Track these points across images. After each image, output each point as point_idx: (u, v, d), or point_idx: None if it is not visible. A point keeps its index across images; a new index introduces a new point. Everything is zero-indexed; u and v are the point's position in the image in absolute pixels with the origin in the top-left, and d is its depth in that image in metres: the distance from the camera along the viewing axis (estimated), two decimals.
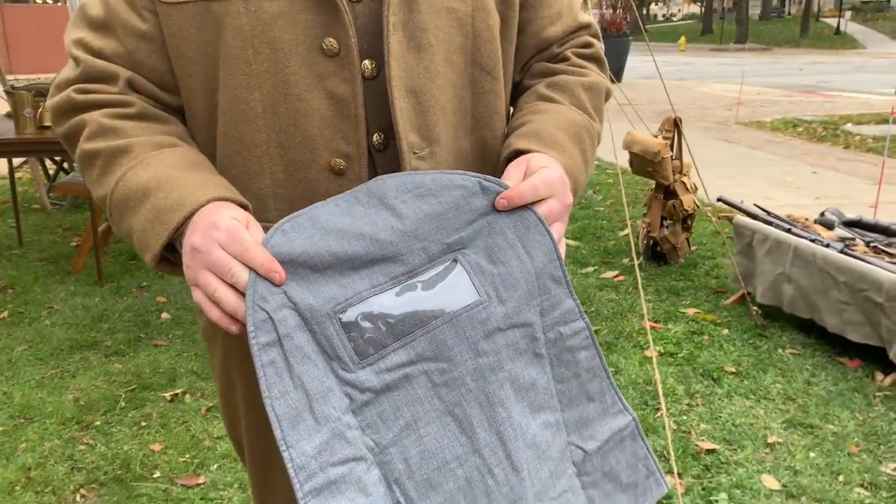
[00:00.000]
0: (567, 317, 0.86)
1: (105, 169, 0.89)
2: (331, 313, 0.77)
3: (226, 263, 0.77)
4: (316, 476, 0.73)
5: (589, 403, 0.87)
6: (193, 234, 0.79)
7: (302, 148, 0.89)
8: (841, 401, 2.92)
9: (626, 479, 0.89)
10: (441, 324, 0.80)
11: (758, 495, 2.36)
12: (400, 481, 0.77)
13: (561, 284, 0.86)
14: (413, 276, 0.81)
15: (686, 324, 3.62)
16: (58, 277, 4.18)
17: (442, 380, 0.79)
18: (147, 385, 3.01)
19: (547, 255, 0.85)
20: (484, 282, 0.83)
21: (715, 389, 3.03)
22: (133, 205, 0.85)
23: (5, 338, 3.42)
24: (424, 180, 0.83)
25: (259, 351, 0.74)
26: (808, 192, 6.40)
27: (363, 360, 0.77)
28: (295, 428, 0.73)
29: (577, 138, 0.98)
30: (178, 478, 2.42)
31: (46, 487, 2.37)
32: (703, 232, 4.98)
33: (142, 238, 0.85)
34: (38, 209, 5.57)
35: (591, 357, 0.87)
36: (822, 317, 3.26)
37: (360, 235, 0.79)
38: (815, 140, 9.09)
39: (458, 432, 0.79)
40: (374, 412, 0.77)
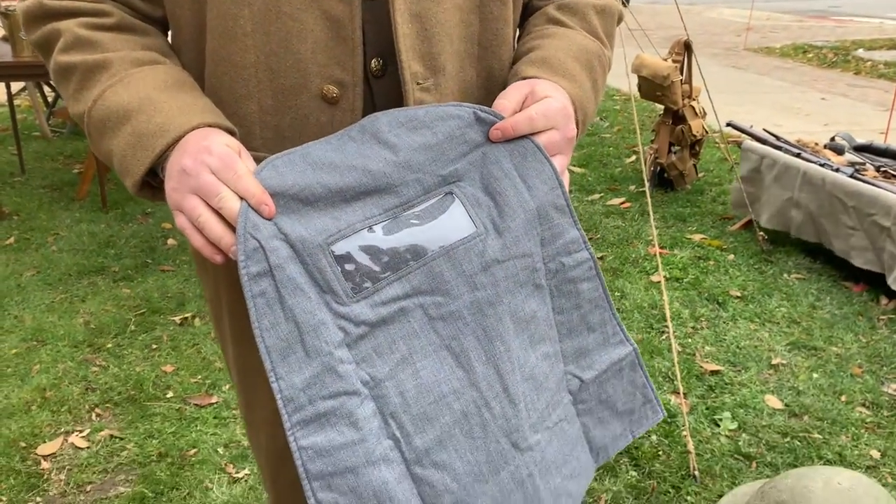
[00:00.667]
0: (570, 247, 0.84)
1: (82, 84, 0.83)
2: (323, 245, 0.75)
3: (214, 187, 0.73)
4: (305, 409, 0.72)
5: (589, 334, 0.87)
6: (183, 156, 0.75)
7: (293, 72, 0.83)
8: (845, 324, 2.95)
9: (621, 407, 0.90)
10: (437, 256, 0.78)
11: (761, 414, 2.40)
12: (396, 415, 0.75)
13: (564, 213, 0.84)
14: (407, 209, 0.78)
15: (692, 249, 3.62)
16: (62, 204, 4.17)
17: (438, 313, 0.78)
18: (156, 309, 3.03)
19: (547, 184, 0.82)
20: (480, 214, 0.80)
21: (720, 313, 3.05)
22: (112, 126, 0.80)
23: (13, 263, 3.43)
24: (418, 113, 0.80)
25: (249, 281, 0.72)
26: (818, 118, 6.31)
27: (357, 293, 0.75)
28: (285, 360, 0.72)
29: (587, 66, 0.93)
30: (191, 398, 2.46)
31: (62, 407, 2.42)
32: (711, 158, 4.94)
33: (122, 162, 0.80)
34: (38, 137, 5.52)
35: (594, 288, 0.85)
36: (830, 241, 3.26)
37: (352, 168, 0.77)
38: (825, 66, 8.92)
39: (454, 366, 0.77)
40: (369, 346, 0.76)
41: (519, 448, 0.79)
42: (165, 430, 2.30)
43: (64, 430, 2.31)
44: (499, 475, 0.77)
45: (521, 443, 0.79)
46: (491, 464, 0.77)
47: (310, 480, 0.71)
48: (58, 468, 2.15)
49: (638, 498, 2.04)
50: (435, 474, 0.75)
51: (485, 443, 0.77)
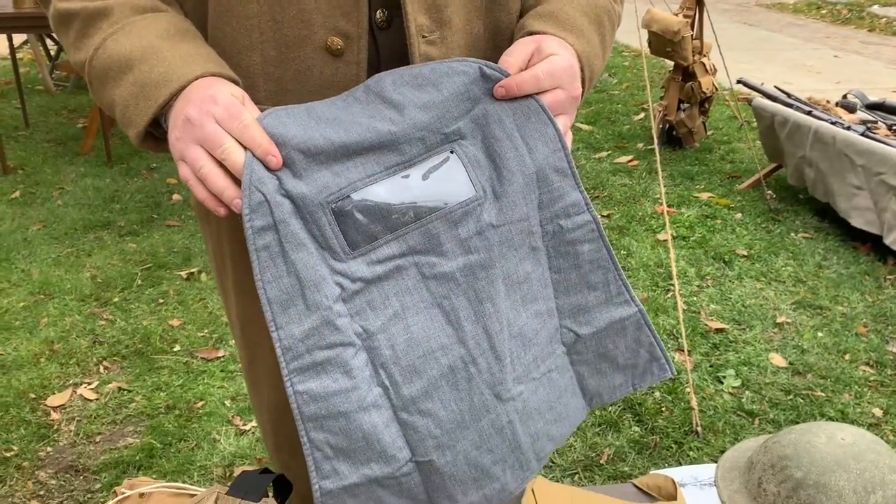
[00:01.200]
0: (570, 209, 0.84)
1: (82, 32, 0.81)
2: (323, 203, 0.75)
3: (218, 137, 0.72)
4: (302, 357, 0.75)
5: (589, 292, 0.87)
6: (188, 105, 0.74)
7: (296, 23, 0.81)
8: (851, 283, 2.94)
9: (623, 361, 0.90)
10: (435, 218, 0.79)
11: (764, 372, 2.41)
12: (386, 366, 0.78)
13: (566, 176, 0.83)
14: (409, 167, 0.79)
15: (699, 208, 3.60)
16: (66, 159, 4.16)
17: (432, 273, 0.79)
18: (162, 264, 3.04)
19: (549, 146, 0.81)
20: (480, 176, 0.80)
21: (726, 272, 3.04)
22: (115, 76, 0.79)
23: (19, 217, 3.43)
24: (423, 71, 0.79)
25: (254, 234, 0.73)
26: (830, 76, 6.22)
27: (354, 250, 0.77)
28: (285, 311, 0.74)
29: (596, 21, 0.90)
30: (198, 351, 2.48)
31: (70, 359, 2.44)
32: (720, 116, 4.88)
33: (125, 113, 0.79)
34: (41, 90, 5.48)
35: (597, 249, 0.85)
36: (835, 201, 3.24)
37: (356, 124, 0.77)
38: (838, 23, 8.76)
39: (444, 323, 0.80)
40: (363, 300, 0.78)
41: (501, 399, 0.82)
42: (173, 383, 2.32)
43: (72, 382, 2.34)
44: (479, 422, 0.81)
45: (504, 394, 0.82)
46: (473, 412, 0.81)
47: (304, 422, 0.75)
48: (67, 419, 2.18)
49: (640, 453, 2.06)
50: (420, 420, 0.79)
51: (468, 394, 0.80)
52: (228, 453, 2.04)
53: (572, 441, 2.10)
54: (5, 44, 4.89)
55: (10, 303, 2.75)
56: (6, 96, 5.30)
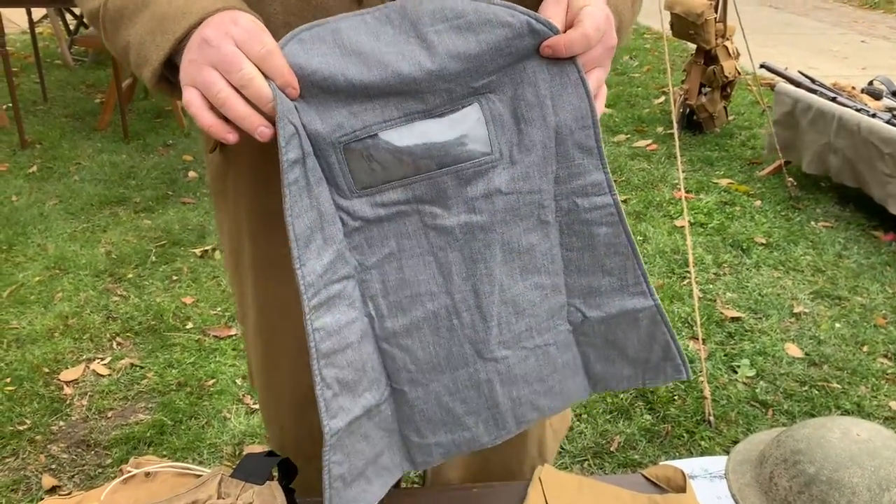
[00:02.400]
0: (590, 189, 0.80)
1: None
2: (335, 142, 0.74)
3: (238, 60, 0.67)
4: (320, 293, 0.75)
5: (603, 276, 0.84)
6: (206, 27, 0.68)
7: None
8: (871, 274, 2.89)
9: (633, 353, 0.87)
10: (445, 172, 0.77)
11: (780, 362, 2.38)
12: (374, 298, 0.80)
13: (591, 155, 0.79)
14: (428, 116, 0.75)
15: (718, 194, 3.56)
16: (84, 134, 4.16)
17: (433, 223, 0.79)
18: (177, 241, 3.04)
19: (578, 121, 0.78)
20: (500, 137, 0.77)
21: (743, 260, 3.00)
22: (130, 14, 0.75)
23: (36, 192, 3.45)
24: (466, 10, 0.74)
25: (288, 168, 0.71)
26: (856, 61, 6.10)
27: (360, 190, 0.77)
28: (308, 247, 0.74)
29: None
30: (211, 329, 2.48)
31: (84, 335, 2.45)
32: (742, 101, 4.81)
33: (140, 51, 0.74)
34: (60, 65, 5.49)
35: (615, 234, 0.82)
36: (869, 188, 3.17)
37: (381, 64, 0.72)
38: (867, 7, 8.58)
39: (436, 272, 0.80)
40: (361, 237, 0.79)
41: (482, 356, 0.82)
42: (185, 361, 2.33)
43: (86, 357, 2.35)
44: (456, 371, 0.82)
45: (485, 353, 0.82)
46: (450, 361, 0.82)
47: (318, 359, 0.75)
48: (80, 394, 2.20)
49: (651, 441, 2.04)
50: (398, 353, 0.81)
51: (448, 343, 0.81)
52: (238, 431, 2.05)
53: (582, 427, 2.08)
54: (25, 18, 4.90)
55: (25, 277, 2.77)
56: (26, 70, 5.31)
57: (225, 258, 1.06)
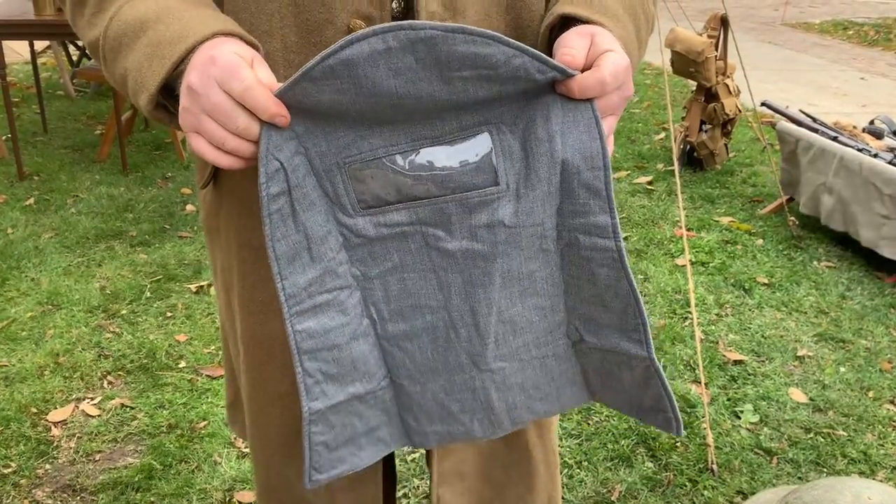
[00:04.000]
0: (593, 230, 0.77)
1: (98, 7, 0.79)
2: (340, 163, 0.75)
3: (227, 110, 0.68)
4: (304, 302, 0.77)
5: (604, 311, 0.81)
6: (191, 72, 0.69)
7: (318, 6, 0.79)
8: (875, 316, 2.85)
9: (628, 389, 0.85)
10: (451, 200, 0.77)
11: (784, 407, 2.33)
12: (377, 304, 0.82)
13: (598, 196, 0.76)
14: (437, 143, 0.75)
15: (719, 232, 3.53)
16: (83, 166, 4.15)
17: (436, 245, 0.79)
18: (172, 276, 3.01)
19: (587, 162, 0.75)
20: (509, 169, 0.76)
21: (745, 300, 2.96)
22: (129, 41, 0.75)
23: (32, 225, 3.42)
24: (499, 61, 0.69)
25: (268, 201, 0.73)
26: (856, 98, 6.12)
27: (365, 209, 0.77)
28: (291, 264, 0.75)
29: (631, 13, 0.85)
30: (203, 368, 2.44)
31: (75, 373, 2.41)
32: (742, 138, 4.80)
33: (138, 77, 0.73)
34: (62, 96, 5.50)
35: (617, 278, 0.78)
36: (858, 230, 3.14)
37: (398, 103, 0.71)
38: (865, 44, 8.64)
39: (436, 288, 0.81)
40: (365, 251, 0.80)
41: (478, 367, 0.84)
42: (176, 401, 2.28)
43: (75, 396, 2.30)
44: (452, 376, 0.84)
45: (482, 364, 0.84)
46: (447, 366, 0.84)
47: (300, 354, 0.77)
48: (68, 435, 2.14)
49: (653, 490, 1.99)
50: (398, 353, 0.84)
51: (445, 351, 0.83)
52: (229, 477, 1.99)
53: (583, 475, 2.03)
54: (28, 48, 4.91)
55: (17, 312, 2.73)
56: (27, 101, 5.32)
57: (217, 295, 1.05)
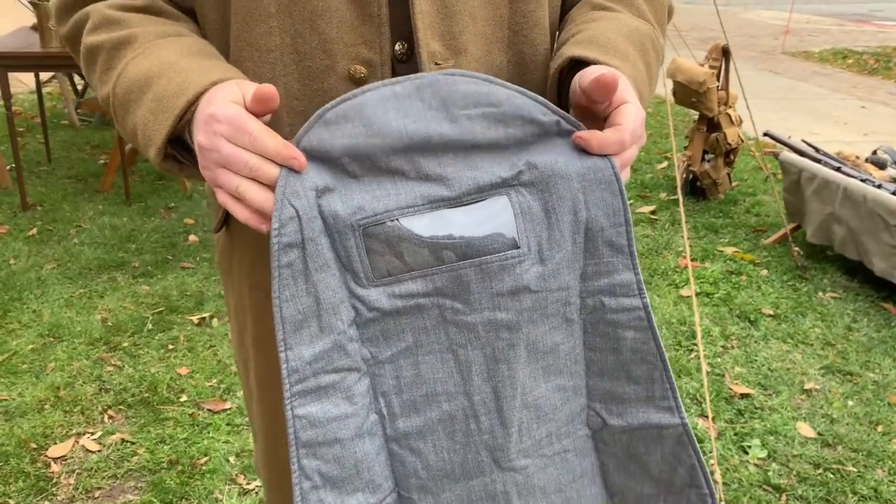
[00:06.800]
0: (618, 289, 0.76)
1: (107, 64, 0.81)
2: (355, 225, 0.71)
3: (240, 158, 0.69)
4: (307, 380, 0.72)
5: (628, 383, 0.78)
6: (198, 132, 0.71)
7: (319, 53, 0.80)
8: (883, 348, 2.83)
9: (656, 471, 0.81)
10: (469, 266, 0.73)
11: (792, 442, 2.30)
12: (386, 395, 0.76)
13: (622, 253, 0.75)
14: (454, 205, 0.72)
15: (724, 263, 3.52)
16: (86, 196, 4.16)
17: (454, 318, 0.74)
18: (174, 308, 2.99)
19: (610, 219, 0.74)
20: (529, 231, 0.73)
21: (751, 332, 2.94)
22: (135, 97, 0.77)
23: (34, 255, 3.42)
24: (501, 99, 0.71)
25: (279, 251, 0.69)
26: (856, 127, 6.13)
27: (378, 278, 0.73)
28: (297, 332, 0.71)
29: (639, 46, 0.85)
30: (205, 402, 2.42)
31: (75, 407, 2.38)
32: (745, 167, 4.80)
33: (145, 132, 0.75)
34: (66, 125, 5.53)
35: (643, 340, 0.76)
36: (871, 260, 3.13)
37: (408, 148, 0.71)
38: (865, 73, 8.69)
39: (454, 370, 0.76)
40: (377, 329, 0.75)
41: (500, 466, 0.77)
42: (177, 436, 2.25)
43: (76, 431, 2.28)
44: (470, 481, 0.77)
45: (504, 462, 0.77)
46: (465, 468, 0.77)
47: (297, 448, 0.72)
48: (67, 472, 2.12)
49: None
50: (409, 457, 0.77)
51: (464, 448, 0.77)
52: None
53: None
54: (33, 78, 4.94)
55: (18, 345, 2.71)
56: (31, 131, 5.34)
57: (231, 336, 1.05)
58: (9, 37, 4.16)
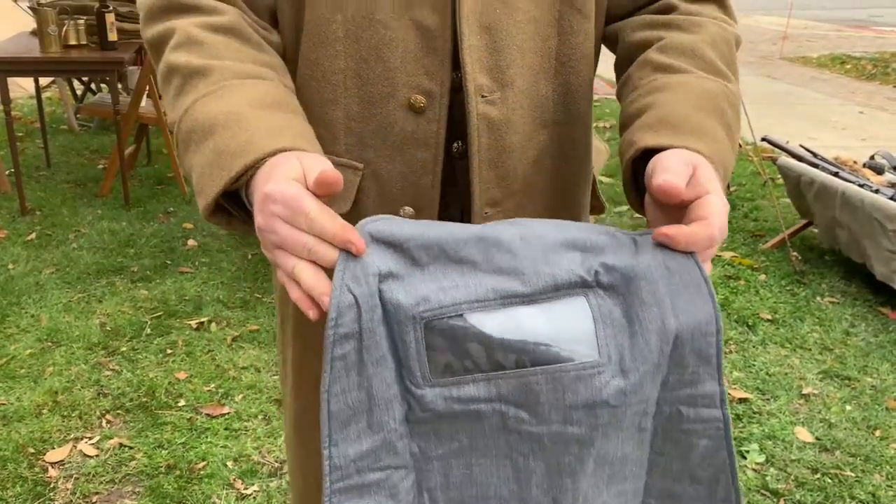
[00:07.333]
0: (700, 400, 0.70)
1: (180, 90, 0.79)
2: (416, 317, 0.65)
3: (297, 240, 0.65)
4: (351, 478, 0.66)
5: (690, 484, 0.73)
6: (257, 214, 0.68)
7: (381, 81, 0.82)
8: (881, 353, 2.83)
9: None
10: (540, 372, 0.66)
11: (790, 447, 2.30)
12: (432, 491, 0.70)
13: (709, 364, 0.68)
14: (528, 303, 0.66)
15: (722, 268, 3.52)
16: (85, 200, 4.16)
17: (517, 427, 0.68)
18: (173, 312, 2.99)
19: (700, 328, 0.67)
20: (609, 338, 0.67)
21: (749, 337, 2.95)
22: (197, 140, 0.74)
23: (33, 260, 3.42)
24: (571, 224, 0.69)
25: (334, 342, 0.64)
26: (855, 132, 6.15)
27: (435, 379, 0.66)
28: (345, 428, 0.65)
29: (716, 112, 0.78)
30: (203, 407, 2.42)
31: (73, 412, 2.38)
32: (743, 172, 4.81)
33: (199, 181, 0.73)
34: (65, 130, 5.53)
35: (716, 448, 0.71)
36: (872, 264, 3.13)
37: (479, 239, 0.66)
38: (863, 78, 8.71)
39: (511, 477, 0.69)
40: (429, 427, 0.68)
41: None
42: (175, 441, 2.25)
43: (73, 436, 2.28)
44: None
45: None
46: None
47: None
48: (65, 476, 2.12)
49: None
50: None
51: None
52: None
53: None
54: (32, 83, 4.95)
55: (17, 349, 2.71)
56: (31, 135, 5.35)
57: (277, 316, 1.08)
58: (8, 42, 4.17)
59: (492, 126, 0.84)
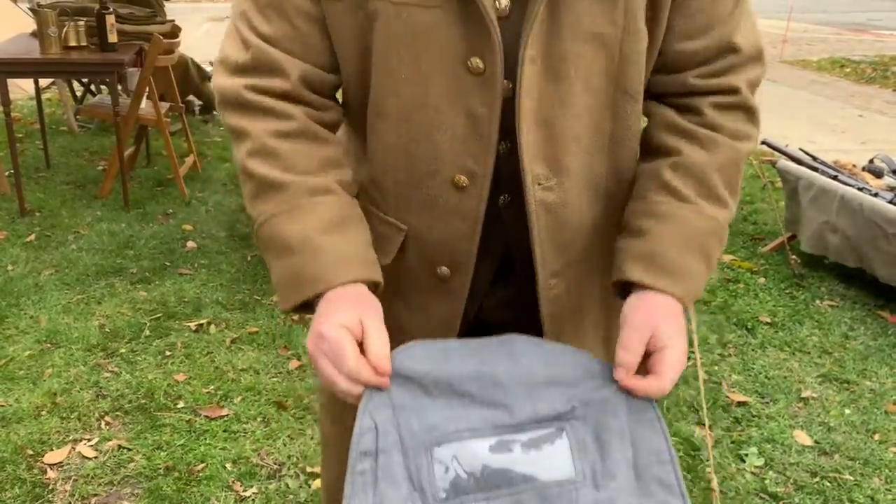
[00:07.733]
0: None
1: (258, 193, 0.89)
2: (427, 445, 0.79)
3: (334, 381, 0.80)
4: None
5: None
6: (310, 341, 0.82)
7: (428, 159, 0.89)
8: (880, 356, 2.83)
9: None
10: (528, 489, 0.80)
11: (789, 450, 2.30)
12: None
13: (672, 492, 0.82)
14: (516, 432, 0.81)
15: (721, 271, 3.52)
16: (84, 202, 4.16)
17: None
18: (172, 314, 2.99)
19: (655, 456, 0.82)
20: (584, 461, 0.81)
21: (748, 340, 2.95)
22: (276, 252, 0.88)
23: (32, 261, 3.42)
24: (555, 352, 0.84)
25: (356, 458, 0.76)
26: (854, 136, 6.16)
27: (445, 500, 0.78)
28: None
29: (701, 251, 0.90)
30: (202, 409, 2.41)
31: (72, 413, 2.38)
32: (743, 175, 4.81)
33: (278, 287, 0.89)
34: (65, 131, 5.53)
35: None
36: (873, 267, 3.13)
37: (479, 375, 0.81)
38: (862, 81, 8.72)
39: None
40: None
41: None
42: (174, 443, 2.25)
43: (72, 438, 2.28)
44: None
45: None
46: None
47: None
48: (63, 478, 2.11)
49: None
50: None
51: None
52: None
53: None
54: (32, 84, 4.95)
55: (15, 351, 2.71)
56: (31, 136, 5.35)
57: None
58: (8, 43, 4.17)
59: (549, 209, 0.90)
